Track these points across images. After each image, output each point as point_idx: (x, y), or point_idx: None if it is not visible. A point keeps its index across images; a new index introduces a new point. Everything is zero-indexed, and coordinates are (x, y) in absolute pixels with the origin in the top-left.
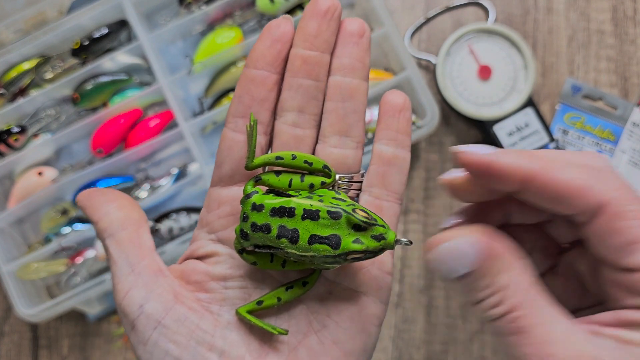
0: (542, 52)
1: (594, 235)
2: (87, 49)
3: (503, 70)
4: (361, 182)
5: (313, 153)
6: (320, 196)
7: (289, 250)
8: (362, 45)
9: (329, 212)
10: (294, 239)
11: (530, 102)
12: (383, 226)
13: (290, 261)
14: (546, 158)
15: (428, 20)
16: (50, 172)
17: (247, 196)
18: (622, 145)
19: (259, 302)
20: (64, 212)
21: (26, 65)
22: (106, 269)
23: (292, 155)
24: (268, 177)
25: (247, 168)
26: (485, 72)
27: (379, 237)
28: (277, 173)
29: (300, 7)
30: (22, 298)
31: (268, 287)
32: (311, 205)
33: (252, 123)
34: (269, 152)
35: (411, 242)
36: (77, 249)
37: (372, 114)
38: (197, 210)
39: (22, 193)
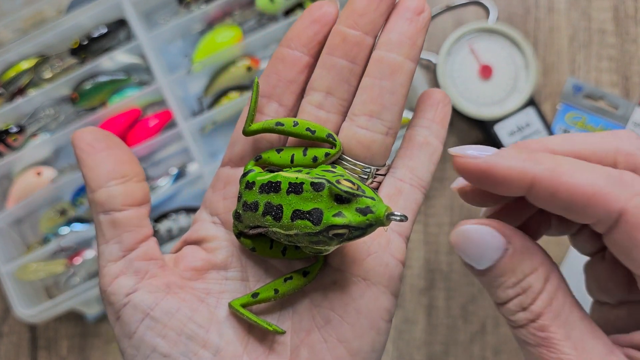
0: (543, 51)
1: (614, 246)
2: (86, 49)
3: (504, 70)
4: (384, 175)
5: None
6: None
7: (275, 229)
8: (416, 23)
9: (312, 183)
10: (277, 215)
11: (531, 102)
12: (372, 198)
13: (291, 248)
14: (553, 158)
15: None
16: (48, 172)
17: (243, 175)
18: None
19: (255, 295)
20: (63, 212)
21: (25, 65)
22: None
23: (294, 121)
24: (269, 155)
25: (245, 133)
26: (486, 72)
27: (365, 211)
28: (279, 150)
29: (300, 6)
30: (21, 298)
31: (270, 280)
32: (296, 178)
33: (256, 86)
34: (287, 141)
35: (406, 217)
36: (76, 250)
37: None
38: (196, 210)
39: (20, 193)
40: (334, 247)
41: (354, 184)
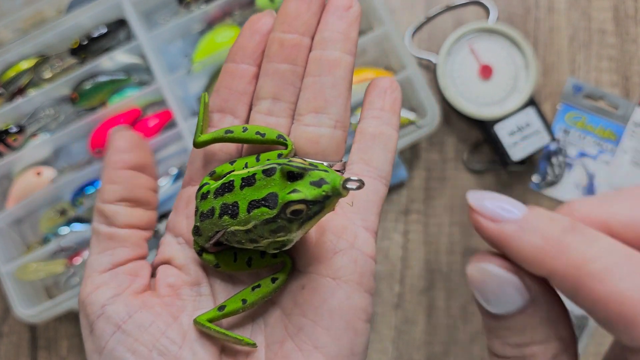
0: (543, 51)
1: None
2: (86, 49)
3: (504, 70)
4: (341, 171)
5: None
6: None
7: (234, 228)
8: (347, 18)
9: (263, 171)
10: (234, 212)
11: (531, 102)
12: (325, 170)
13: (256, 257)
14: (586, 247)
15: (429, 19)
16: (48, 172)
17: (198, 189)
18: (624, 145)
19: (221, 307)
20: (63, 212)
21: (25, 65)
22: None
23: (243, 127)
24: (222, 168)
25: (195, 145)
26: (486, 72)
27: (320, 183)
28: (232, 162)
29: None
30: (21, 298)
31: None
32: (248, 172)
33: (203, 99)
34: (242, 150)
35: (363, 183)
36: (76, 250)
37: None
38: None
39: (20, 193)
40: (297, 234)
41: (305, 160)
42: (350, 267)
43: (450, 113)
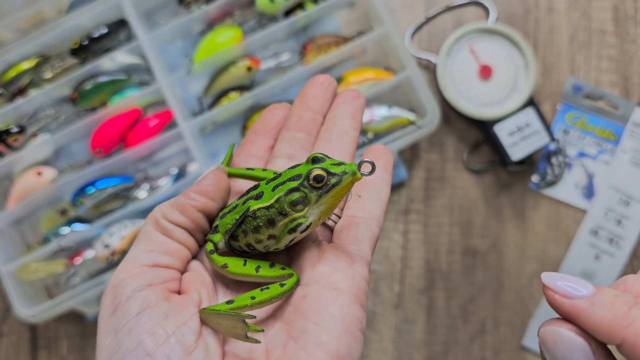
0: (543, 51)
1: None
2: (87, 49)
3: (504, 70)
4: (339, 217)
5: None
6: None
7: (257, 207)
8: (355, 104)
9: (289, 168)
10: (259, 196)
11: (531, 102)
12: (343, 163)
13: (265, 266)
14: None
15: (428, 19)
16: (49, 172)
17: (211, 252)
18: (623, 145)
19: (229, 302)
20: (63, 212)
21: (25, 65)
22: (106, 269)
23: (262, 168)
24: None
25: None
26: (485, 72)
27: (339, 164)
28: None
29: (300, 6)
30: (21, 298)
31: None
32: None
33: (230, 148)
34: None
35: (374, 166)
36: (76, 249)
37: (372, 113)
38: None
39: (21, 193)
40: (313, 212)
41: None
42: (349, 282)
43: (450, 113)
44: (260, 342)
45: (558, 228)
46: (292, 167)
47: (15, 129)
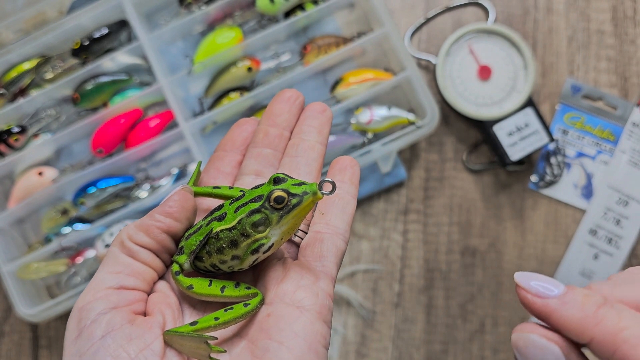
0: (542, 52)
1: None
2: (88, 49)
3: (503, 70)
4: (306, 232)
5: None
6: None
7: (219, 228)
8: (321, 118)
9: (252, 188)
10: (222, 217)
11: (530, 102)
12: (304, 183)
13: (230, 286)
14: (619, 318)
15: (428, 20)
16: (50, 172)
17: (176, 273)
18: (622, 145)
19: (193, 323)
20: (64, 212)
21: (26, 65)
22: None
23: (229, 186)
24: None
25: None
26: (485, 72)
27: (301, 183)
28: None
29: (300, 7)
30: (23, 298)
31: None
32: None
33: (198, 166)
34: None
35: (334, 184)
36: (77, 249)
37: (372, 114)
38: None
39: (22, 193)
40: (275, 232)
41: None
42: (312, 299)
43: (450, 113)
44: (224, 352)
45: (557, 228)
46: (255, 187)
47: (16, 129)
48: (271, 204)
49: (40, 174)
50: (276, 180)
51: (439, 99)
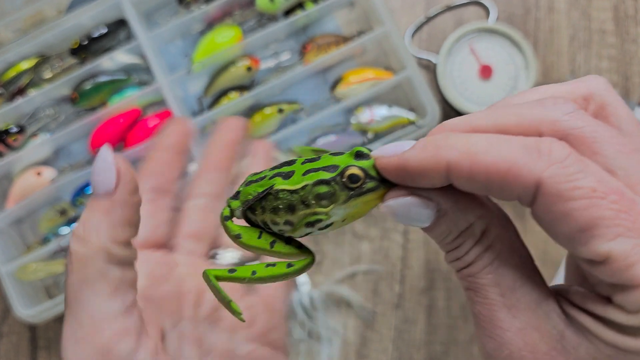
0: (543, 51)
1: (539, 222)
2: (86, 49)
3: (504, 70)
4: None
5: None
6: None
7: (281, 187)
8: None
9: (331, 153)
10: (288, 175)
11: None
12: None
13: (281, 242)
14: (468, 138)
15: (429, 19)
16: (48, 172)
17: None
18: None
19: (232, 270)
20: (63, 212)
21: (25, 65)
22: None
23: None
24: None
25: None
26: (486, 72)
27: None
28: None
29: (300, 6)
30: (21, 299)
31: None
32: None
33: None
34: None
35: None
36: None
37: (372, 113)
38: None
39: (20, 193)
40: (337, 213)
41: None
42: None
43: (450, 113)
44: (244, 322)
45: None
46: (334, 154)
47: (14, 129)
48: (344, 180)
49: (38, 174)
50: (358, 154)
51: (439, 99)
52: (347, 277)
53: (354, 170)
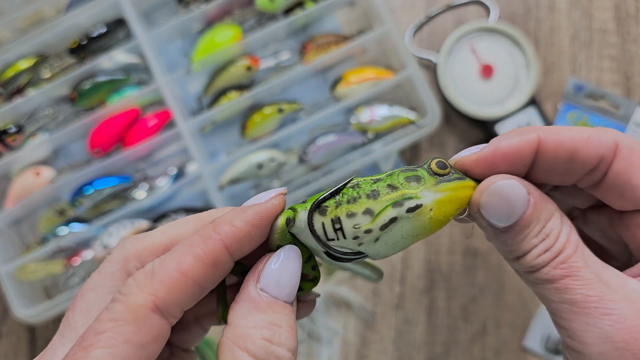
0: (544, 50)
1: (617, 178)
2: (85, 48)
3: (505, 69)
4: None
5: None
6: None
7: (362, 179)
8: None
9: (406, 169)
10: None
11: (532, 101)
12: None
13: (302, 259)
14: (541, 128)
15: (429, 18)
16: (47, 172)
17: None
18: None
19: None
20: (62, 212)
21: (24, 64)
22: None
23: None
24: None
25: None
26: (486, 71)
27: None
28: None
29: (300, 5)
30: (20, 299)
31: None
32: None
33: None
34: None
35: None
36: (75, 250)
37: (372, 113)
38: (196, 210)
39: (19, 193)
40: (426, 196)
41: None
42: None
43: (451, 113)
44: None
45: None
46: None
47: (13, 129)
48: (431, 167)
49: (37, 174)
50: (438, 164)
51: (440, 98)
52: (347, 278)
53: (439, 159)
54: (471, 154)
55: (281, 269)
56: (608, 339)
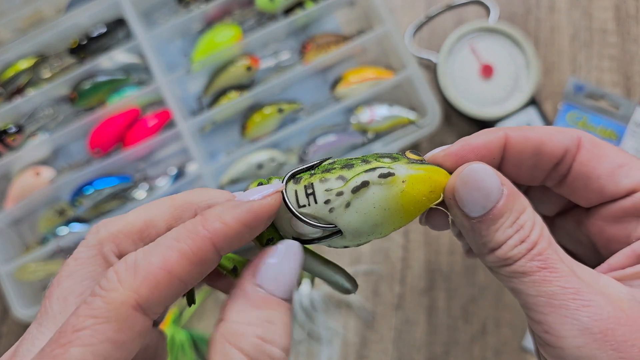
0: (544, 50)
1: (581, 170)
2: (85, 48)
3: (505, 69)
4: None
5: None
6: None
7: (337, 158)
8: None
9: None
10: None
11: (532, 101)
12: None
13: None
14: (510, 127)
15: (429, 18)
16: (47, 172)
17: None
18: (625, 145)
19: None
20: (62, 212)
21: (23, 64)
22: None
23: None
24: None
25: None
26: (487, 71)
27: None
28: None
29: (300, 5)
30: (20, 299)
31: None
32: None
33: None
34: None
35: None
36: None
37: (372, 113)
38: None
39: (19, 193)
40: (400, 169)
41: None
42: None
43: (451, 113)
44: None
45: None
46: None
47: (13, 129)
48: (406, 154)
49: (37, 174)
50: (412, 152)
51: (440, 98)
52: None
53: (412, 149)
54: (442, 149)
55: (281, 264)
56: (586, 330)
